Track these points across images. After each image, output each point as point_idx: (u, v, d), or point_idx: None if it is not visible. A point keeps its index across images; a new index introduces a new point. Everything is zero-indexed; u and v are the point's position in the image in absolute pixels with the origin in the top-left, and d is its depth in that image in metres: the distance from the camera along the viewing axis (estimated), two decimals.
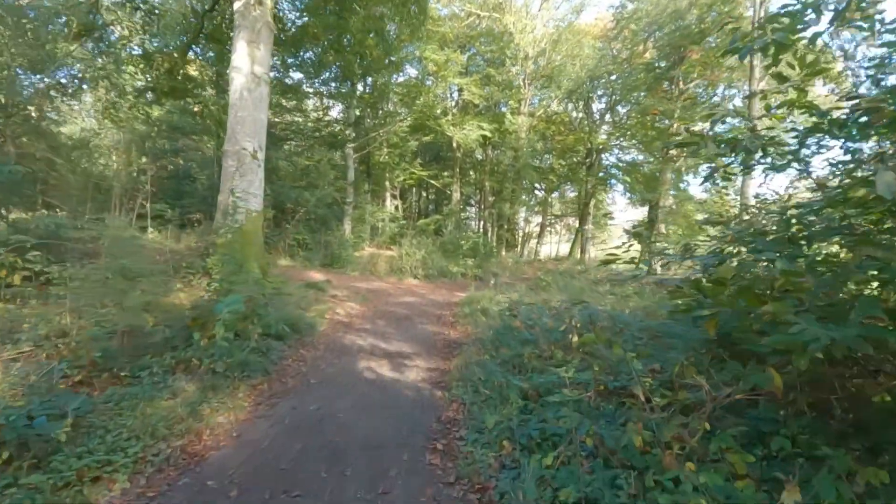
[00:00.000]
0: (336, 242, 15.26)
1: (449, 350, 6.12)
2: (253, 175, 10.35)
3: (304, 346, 5.96)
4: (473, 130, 19.16)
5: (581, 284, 13.22)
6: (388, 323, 7.91)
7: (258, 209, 10.54)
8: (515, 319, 5.27)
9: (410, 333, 7.13)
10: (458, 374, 4.82)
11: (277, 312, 6.49)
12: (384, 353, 5.88)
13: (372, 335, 6.88)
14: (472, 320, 7.94)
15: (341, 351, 5.90)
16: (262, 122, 10.65)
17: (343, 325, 7.46)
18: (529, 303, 9.13)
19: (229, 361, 4.53)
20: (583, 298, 11.13)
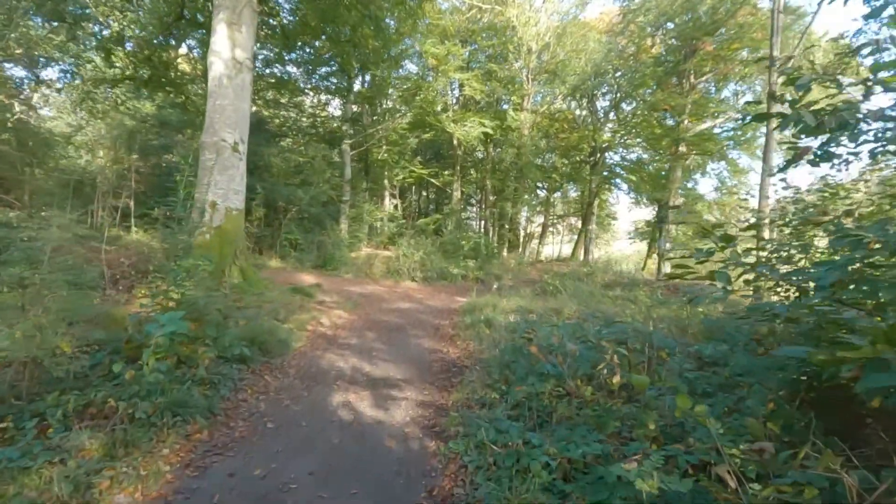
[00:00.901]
0: (330, 243, 14.10)
1: (447, 376, 4.94)
2: (234, 169, 9.18)
3: (272, 370, 4.78)
4: (475, 127, 17.98)
5: (590, 288, 12.04)
6: (377, 336, 6.73)
7: (239, 207, 9.38)
8: (530, 343, 4.08)
9: (402, 351, 5.95)
10: (458, 416, 3.65)
11: (242, 328, 5.32)
12: (367, 381, 4.70)
13: (357, 353, 5.70)
14: (474, 333, 6.77)
15: (316, 377, 4.72)
16: (245, 111, 9.48)
17: (325, 340, 6.29)
18: (530, 314, 7.97)
19: (159, 402, 3.36)
20: (594, 305, 9.98)
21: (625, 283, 13.50)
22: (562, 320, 7.01)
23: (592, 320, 7.46)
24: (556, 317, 8.20)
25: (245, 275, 9.09)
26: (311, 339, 6.24)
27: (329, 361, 5.30)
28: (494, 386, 4.08)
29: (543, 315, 8.23)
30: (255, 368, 4.70)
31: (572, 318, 7.72)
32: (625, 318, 7.24)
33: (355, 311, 8.59)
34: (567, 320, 7.37)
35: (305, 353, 5.54)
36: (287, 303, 8.29)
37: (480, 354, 5.60)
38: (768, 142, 12.50)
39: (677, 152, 15.64)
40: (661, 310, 9.61)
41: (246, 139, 9.50)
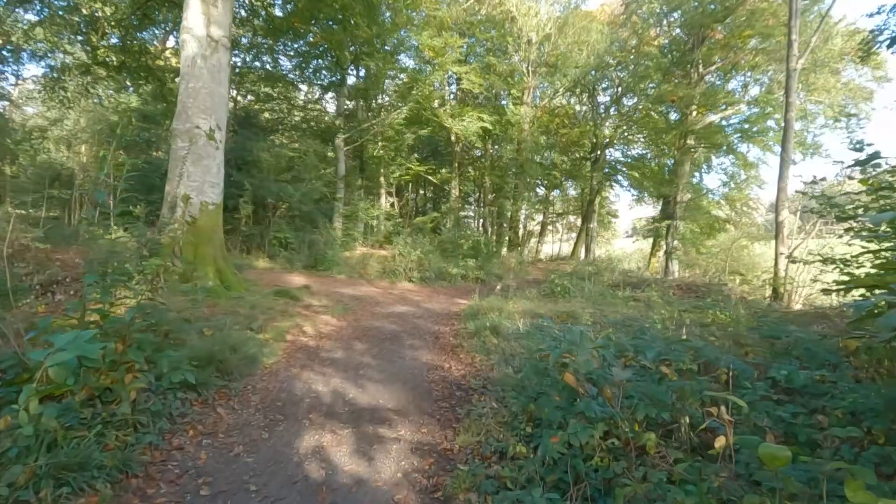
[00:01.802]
0: (323, 242, 12.99)
1: (450, 403, 3.86)
2: (209, 160, 8.06)
3: (229, 398, 3.69)
4: (473, 122, 16.93)
5: (598, 289, 10.98)
6: (368, 347, 5.64)
7: (216, 201, 8.26)
8: (564, 369, 3.00)
9: (396, 368, 4.86)
10: (468, 474, 2.56)
11: (198, 344, 4.21)
12: (350, 412, 3.62)
13: (341, 371, 4.61)
14: (479, 343, 5.69)
15: (284, 408, 3.63)
16: (222, 96, 8.36)
17: (305, 353, 5.19)
18: (540, 319, 6.90)
19: (38, 464, 2.27)
20: (609, 308, 8.92)
21: (633, 282, 12.45)
22: (581, 326, 5.95)
23: (617, 328, 6.41)
24: (570, 321, 7.14)
25: (223, 276, 7.98)
26: (289, 353, 5.14)
27: (305, 384, 4.21)
28: (515, 426, 3.00)
29: (554, 318, 7.17)
30: (209, 397, 3.61)
31: (591, 323, 6.66)
32: (653, 325, 6.19)
33: (345, 317, 7.49)
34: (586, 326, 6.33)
35: (278, 373, 4.44)
36: (268, 308, 7.20)
37: (490, 372, 4.53)
38: (787, 132, 11.47)
39: (685, 146, 14.62)
40: (692, 314, 8.58)
41: (224, 126, 8.38)
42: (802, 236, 11.00)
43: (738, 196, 16.59)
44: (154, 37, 11.79)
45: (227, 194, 13.55)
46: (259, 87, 17.16)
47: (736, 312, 7.74)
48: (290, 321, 6.60)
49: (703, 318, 7.75)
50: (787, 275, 10.75)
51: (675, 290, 11.31)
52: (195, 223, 7.79)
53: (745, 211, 15.66)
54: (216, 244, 8.12)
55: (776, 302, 10.60)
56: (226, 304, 6.94)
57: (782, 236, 11.07)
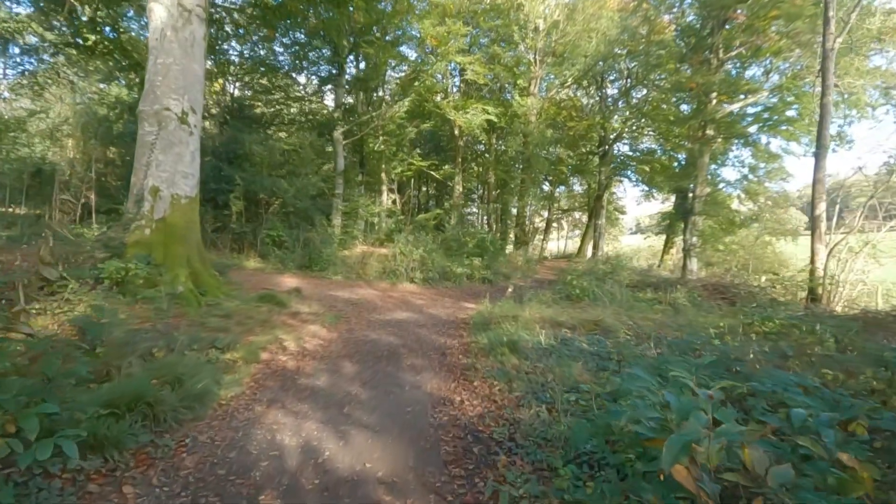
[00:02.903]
0: (319, 240, 11.80)
1: (467, 470, 2.65)
2: (182, 147, 6.86)
3: (150, 464, 2.51)
4: (477, 114, 15.69)
5: (616, 290, 9.76)
6: (359, 370, 4.46)
7: (190, 194, 7.06)
8: (678, 459, 1.80)
9: (392, 403, 3.67)
10: None
11: (122, 381, 3.04)
12: (322, 490, 2.42)
13: (319, 410, 3.43)
14: (496, 364, 4.50)
15: (226, 481, 2.44)
16: (196, 74, 7.13)
17: (278, 381, 4.00)
18: (564, 330, 5.70)
19: None
20: (638, 315, 7.71)
21: (653, 282, 11.23)
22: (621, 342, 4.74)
23: (668, 344, 5.21)
24: (599, 332, 5.94)
25: (199, 280, 6.80)
26: (258, 381, 3.95)
27: (268, 433, 3.02)
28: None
29: (580, 328, 5.97)
30: (120, 463, 2.42)
31: (630, 336, 5.45)
32: (709, 340, 4.99)
33: (337, 327, 6.31)
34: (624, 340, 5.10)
35: (234, 415, 3.26)
36: (247, 317, 6.03)
37: (515, 411, 3.33)
38: (824, 118, 10.19)
39: (703, 136, 13.34)
40: (726, 318, 7.36)
41: (199, 109, 7.19)
42: (843, 231, 9.77)
43: (760, 189, 15.30)
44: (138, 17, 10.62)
45: (218, 189, 12.43)
46: (253, 79, 15.93)
47: (777, 316, 6.56)
48: (270, 334, 5.42)
49: (751, 327, 6.54)
50: (825, 273, 9.53)
51: (700, 290, 10.08)
52: (165, 219, 6.61)
53: (767, 205, 14.37)
54: (191, 243, 6.93)
55: (814, 304, 9.39)
56: (196, 313, 5.77)
57: (819, 231, 9.83)
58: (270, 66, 15.72)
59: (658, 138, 19.62)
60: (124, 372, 3.60)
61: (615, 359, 4.79)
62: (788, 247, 13.81)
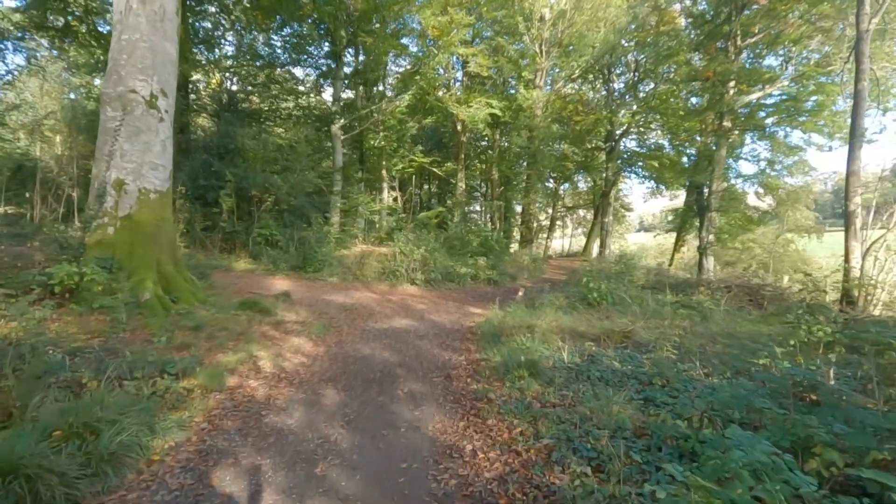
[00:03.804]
0: (314, 239, 10.87)
1: None
2: (150, 134, 5.92)
3: None
4: (481, 108, 14.71)
5: (633, 292, 8.79)
6: (344, 400, 3.53)
7: (161, 188, 6.12)
8: None
9: (383, 453, 2.74)
10: None
11: None
12: None
13: (285, 466, 2.51)
14: (514, 393, 3.56)
15: None
16: (168, 53, 6.19)
17: (239, 420, 3.08)
18: (589, 344, 4.75)
19: None
20: (667, 324, 6.75)
21: (671, 283, 10.25)
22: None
23: (724, 368, 4.25)
24: (630, 346, 4.98)
25: (171, 284, 5.88)
26: (213, 422, 3.03)
27: None
28: None
29: (605, 340, 5.01)
30: None
31: (674, 356, 4.49)
32: (778, 363, 4.02)
33: (325, 339, 5.38)
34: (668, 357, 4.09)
35: (163, 482, 2.33)
36: (221, 328, 5.11)
37: (549, 474, 2.39)
38: (858, 105, 9.19)
39: (720, 128, 12.32)
40: (764, 324, 6.39)
41: (172, 93, 6.24)
42: (880, 228, 8.78)
43: (779, 184, 14.25)
44: None
45: (207, 186, 11.48)
46: (249, 72, 14.97)
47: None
48: (244, 351, 4.49)
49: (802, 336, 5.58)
50: (862, 274, 8.55)
51: (723, 292, 9.10)
52: (132, 217, 5.68)
53: (788, 201, 13.35)
54: (162, 244, 6.00)
55: (850, 307, 8.41)
56: (160, 324, 4.84)
57: (854, 228, 8.84)
58: (266, 60, 14.79)
59: (666, 133, 18.60)
60: (30, 415, 2.69)
61: (658, 383, 3.85)
62: (810, 245, 12.82)
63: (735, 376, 4.18)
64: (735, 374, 4.20)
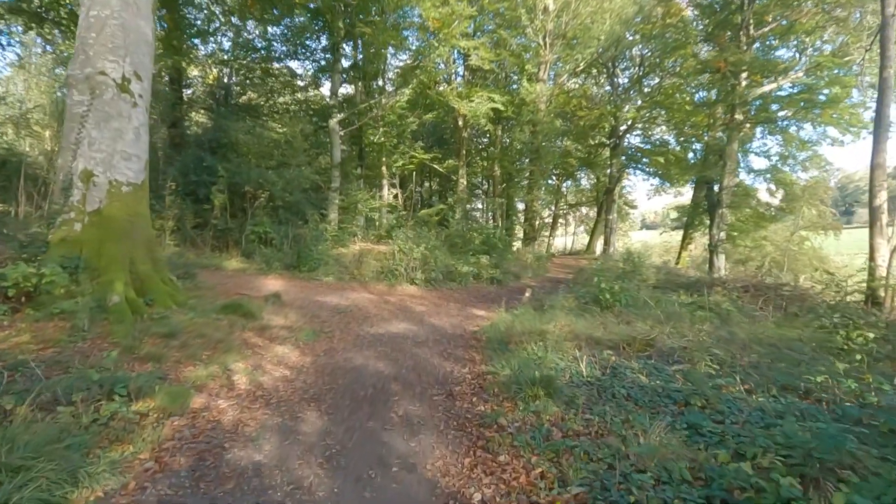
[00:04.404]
0: (310, 237, 10.26)
1: None
2: (122, 121, 5.29)
3: None
4: (483, 103, 14.08)
5: (646, 293, 8.16)
6: (326, 427, 2.93)
7: (135, 180, 5.50)
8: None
9: (367, 501, 2.11)
10: None
11: None
12: None
13: None
14: (529, 418, 2.95)
15: None
16: (142, 32, 5.56)
17: (195, 455, 2.48)
18: (608, 352, 4.12)
19: None
20: (678, 323, 6.12)
21: (683, 283, 9.63)
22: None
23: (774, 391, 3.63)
24: (654, 356, 4.36)
25: (147, 286, 5.27)
26: (161, 460, 2.43)
27: None
28: None
29: (625, 348, 4.39)
30: None
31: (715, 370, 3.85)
32: (844, 386, 3.41)
33: (313, 346, 4.77)
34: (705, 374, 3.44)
35: None
36: (198, 335, 4.51)
37: None
38: (884, 94, 8.54)
39: (732, 121, 11.67)
40: (792, 328, 5.76)
41: (147, 77, 5.62)
42: None
43: (791, 179, 13.57)
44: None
45: (199, 182, 10.84)
46: (243, 66, 14.34)
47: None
48: (218, 362, 3.89)
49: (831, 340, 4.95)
50: (889, 273, 7.93)
51: (740, 292, 8.48)
52: (101, 212, 5.07)
53: (800, 195, 12.68)
54: (136, 241, 5.39)
55: (875, 308, 7.78)
56: (126, 331, 4.24)
57: (880, 225, 8.21)
58: (263, 53, 14.16)
59: (672, 128, 17.94)
60: None
61: (697, 404, 3.23)
62: (826, 243, 12.18)
63: (782, 393, 3.56)
64: (782, 391, 3.58)
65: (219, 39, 14.85)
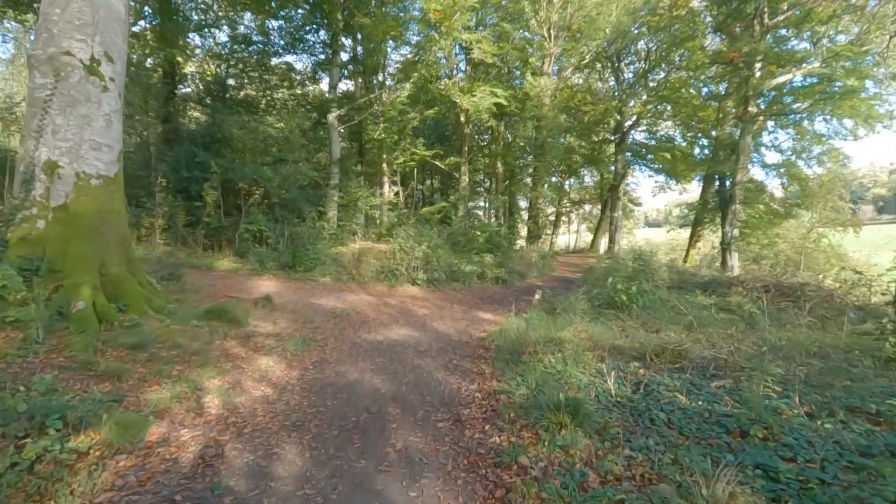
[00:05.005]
0: (307, 235, 9.67)
1: None
2: (91, 106, 4.69)
3: None
4: (485, 97, 13.46)
5: (661, 294, 7.55)
6: (308, 466, 2.35)
7: (106, 173, 4.90)
8: None
9: None
10: None
11: None
12: None
13: None
14: (558, 456, 2.35)
15: None
16: (114, 8, 4.93)
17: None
18: (637, 367, 3.53)
19: None
20: (703, 326, 5.51)
21: (698, 282, 9.03)
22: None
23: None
24: (690, 368, 3.77)
25: (120, 289, 4.69)
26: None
27: None
28: None
29: (653, 359, 3.80)
30: None
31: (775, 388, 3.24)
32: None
33: (303, 357, 4.19)
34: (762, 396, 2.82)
35: None
36: (173, 346, 3.95)
37: None
38: None
39: (745, 113, 11.03)
40: (825, 332, 5.15)
41: (120, 59, 5.02)
42: None
43: (804, 173, 12.92)
44: None
45: (191, 178, 10.22)
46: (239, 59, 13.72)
47: None
48: (189, 380, 3.31)
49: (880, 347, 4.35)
50: None
51: (761, 293, 7.87)
52: (67, 208, 4.49)
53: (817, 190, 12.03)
54: (109, 240, 4.81)
55: None
56: (87, 343, 3.66)
57: None
58: (260, 47, 13.55)
59: (678, 123, 17.29)
60: None
61: (758, 435, 2.64)
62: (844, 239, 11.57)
63: (850, 417, 2.97)
64: (849, 415, 2.99)
65: (214, 33, 14.27)
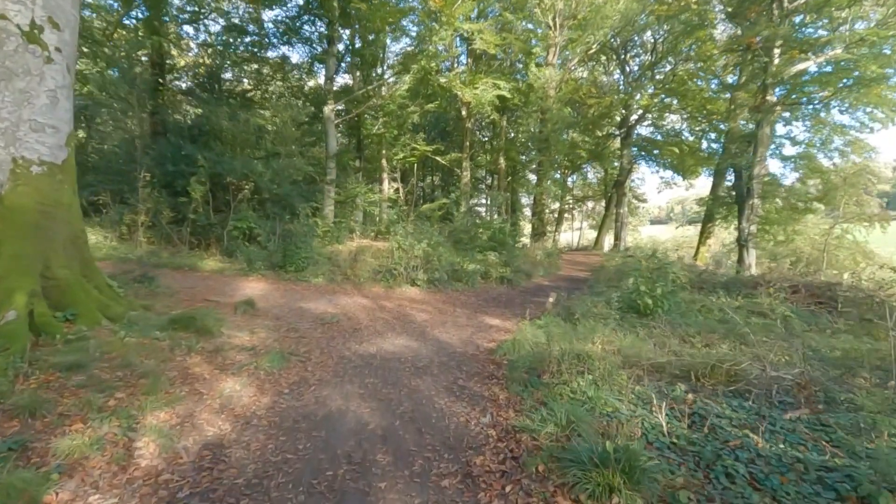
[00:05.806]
0: (300, 233, 8.90)
1: None
2: (32, 80, 3.84)
3: None
4: (488, 90, 12.67)
5: (685, 295, 6.77)
6: None
7: (51, 159, 4.04)
8: None
9: None
10: None
11: None
12: None
13: None
14: None
15: None
16: None
17: None
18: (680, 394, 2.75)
19: None
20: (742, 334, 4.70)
21: (719, 282, 8.25)
22: None
23: None
24: (751, 394, 3.01)
25: (68, 295, 3.91)
26: None
27: None
28: None
29: (700, 379, 3.03)
30: None
31: None
32: None
33: (277, 378, 3.43)
34: None
35: None
36: (120, 366, 3.19)
37: None
38: None
39: (764, 102, 10.22)
40: None
41: (71, 28, 4.22)
42: None
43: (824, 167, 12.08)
44: None
45: (176, 172, 9.43)
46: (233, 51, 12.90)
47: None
48: (122, 417, 2.54)
49: None
50: None
51: (789, 293, 7.08)
52: (2, 199, 3.73)
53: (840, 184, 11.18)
54: (56, 238, 4.03)
55: None
56: (5, 363, 2.89)
57: None
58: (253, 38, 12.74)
59: (686, 117, 16.47)
60: None
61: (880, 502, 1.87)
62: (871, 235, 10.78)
63: None
64: None
65: (206, 24, 13.47)
